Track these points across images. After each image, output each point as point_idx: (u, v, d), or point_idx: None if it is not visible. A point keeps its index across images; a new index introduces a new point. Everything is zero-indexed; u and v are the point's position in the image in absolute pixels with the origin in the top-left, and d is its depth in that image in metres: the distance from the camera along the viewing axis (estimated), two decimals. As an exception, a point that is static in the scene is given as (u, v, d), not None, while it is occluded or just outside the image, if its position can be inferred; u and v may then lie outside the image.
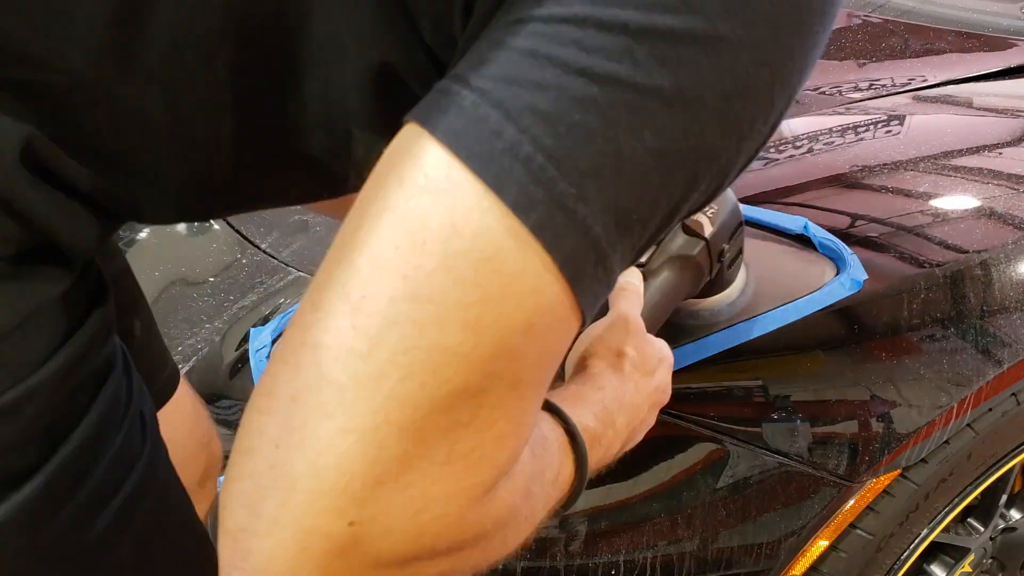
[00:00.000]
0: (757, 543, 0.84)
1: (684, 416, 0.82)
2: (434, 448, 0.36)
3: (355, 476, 0.35)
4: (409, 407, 0.35)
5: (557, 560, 0.80)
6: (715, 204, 0.74)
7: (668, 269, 0.72)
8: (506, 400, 0.38)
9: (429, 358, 0.35)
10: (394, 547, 0.37)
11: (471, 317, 0.35)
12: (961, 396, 0.86)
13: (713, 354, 0.82)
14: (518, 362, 0.37)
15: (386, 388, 0.35)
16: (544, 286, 0.36)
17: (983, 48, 1.25)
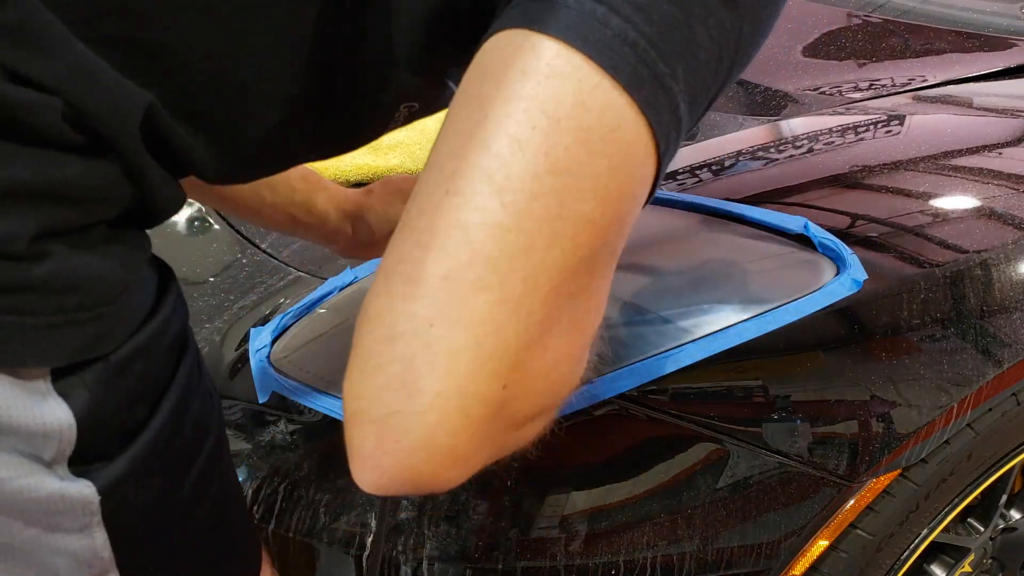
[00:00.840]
0: (757, 543, 0.84)
1: (684, 416, 0.82)
2: (564, 313, 0.40)
3: (511, 342, 0.38)
4: (553, 273, 0.39)
5: (557, 560, 0.80)
6: None
7: None
8: (607, 268, 0.42)
9: (569, 227, 0.39)
10: (531, 405, 0.41)
11: (600, 186, 0.39)
12: (961, 396, 0.86)
13: (714, 354, 0.82)
14: (621, 229, 0.42)
15: (535, 258, 0.38)
16: (648, 156, 0.41)
17: (983, 48, 1.24)
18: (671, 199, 0.95)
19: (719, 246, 0.90)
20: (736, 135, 1.10)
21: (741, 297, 0.84)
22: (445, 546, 0.80)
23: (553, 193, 0.38)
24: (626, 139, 0.40)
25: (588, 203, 0.39)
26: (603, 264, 0.42)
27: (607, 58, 0.39)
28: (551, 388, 0.42)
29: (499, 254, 0.37)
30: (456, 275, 0.38)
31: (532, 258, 0.38)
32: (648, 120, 0.40)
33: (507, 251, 0.38)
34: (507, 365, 0.38)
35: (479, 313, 0.37)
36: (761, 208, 0.92)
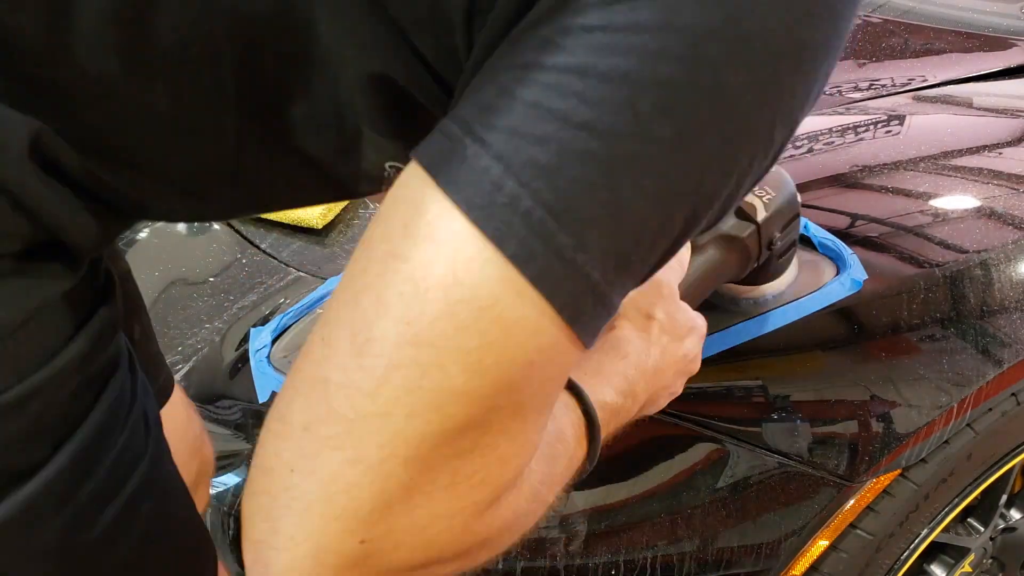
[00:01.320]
0: (757, 543, 0.84)
1: (684, 416, 0.82)
2: (439, 474, 0.38)
3: (364, 502, 0.37)
4: (414, 442, 0.37)
5: (557, 560, 0.80)
6: (771, 190, 0.73)
7: (714, 247, 0.72)
8: (508, 426, 0.40)
9: (432, 398, 0.37)
10: (403, 558, 0.40)
11: (472, 360, 0.37)
12: (961, 396, 0.86)
13: (713, 354, 0.82)
14: (520, 393, 0.39)
15: (392, 424, 0.37)
16: (543, 329, 0.38)
17: (983, 48, 1.25)
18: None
19: (719, 246, 0.90)
20: (736, 135, 1.10)
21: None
22: (445, 546, 0.80)
23: (413, 364, 0.37)
24: (506, 316, 0.37)
25: (456, 376, 0.37)
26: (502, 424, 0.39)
27: (492, 228, 0.36)
28: (430, 543, 0.40)
29: (354, 416, 0.37)
30: (314, 428, 0.38)
31: (389, 425, 0.37)
32: (543, 294, 0.37)
33: (362, 414, 0.37)
34: (362, 522, 0.38)
35: (331, 470, 0.37)
36: (761, 208, 0.92)
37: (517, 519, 0.46)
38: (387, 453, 0.37)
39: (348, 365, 0.37)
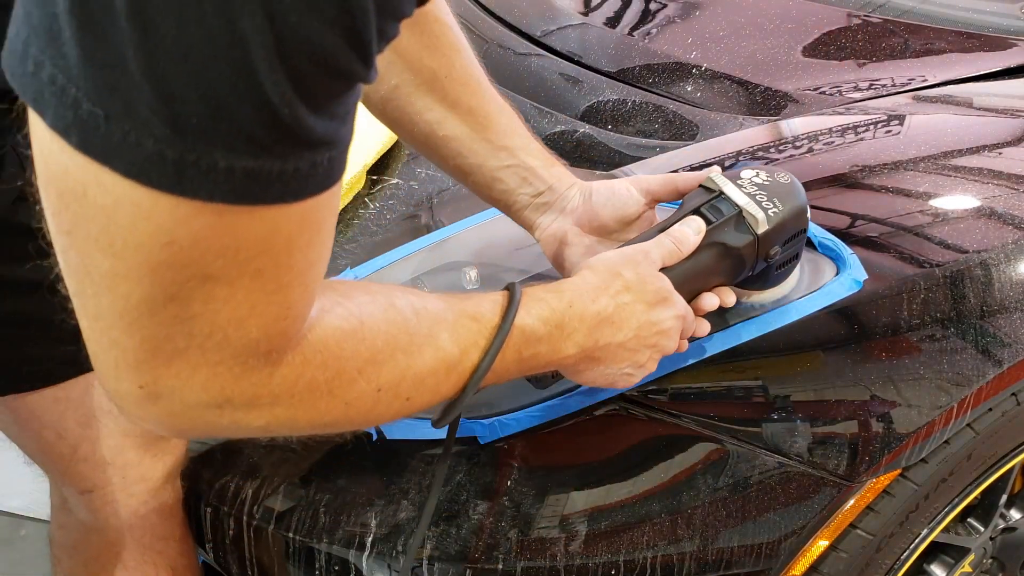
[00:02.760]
0: (757, 543, 0.84)
1: (684, 416, 0.82)
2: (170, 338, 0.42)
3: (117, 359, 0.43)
4: (115, 315, 0.41)
5: (557, 560, 0.80)
6: (780, 203, 0.73)
7: (707, 251, 0.72)
8: (213, 294, 0.41)
9: (100, 280, 0.40)
10: (188, 396, 0.44)
11: (104, 245, 0.39)
12: (961, 396, 0.86)
13: (713, 354, 0.82)
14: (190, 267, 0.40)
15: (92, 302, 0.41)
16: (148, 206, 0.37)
17: (983, 48, 1.24)
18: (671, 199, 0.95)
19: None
20: (736, 135, 1.10)
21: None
22: (445, 546, 0.80)
23: (71, 250, 0.40)
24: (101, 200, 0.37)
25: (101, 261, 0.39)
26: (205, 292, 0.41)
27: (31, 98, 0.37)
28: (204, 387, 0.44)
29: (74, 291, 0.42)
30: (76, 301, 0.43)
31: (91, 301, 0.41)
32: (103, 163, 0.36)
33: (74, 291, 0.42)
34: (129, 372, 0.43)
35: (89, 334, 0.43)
36: (761, 208, 0.92)
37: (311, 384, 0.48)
38: (105, 324, 0.41)
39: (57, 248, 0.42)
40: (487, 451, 0.81)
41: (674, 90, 1.23)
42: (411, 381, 0.54)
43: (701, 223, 0.72)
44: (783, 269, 0.79)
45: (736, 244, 0.72)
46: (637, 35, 1.41)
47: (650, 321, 0.67)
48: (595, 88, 1.26)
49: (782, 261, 0.77)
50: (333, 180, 0.42)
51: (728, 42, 1.30)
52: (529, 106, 1.23)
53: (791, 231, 0.75)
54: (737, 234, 0.72)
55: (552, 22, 1.43)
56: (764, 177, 0.75)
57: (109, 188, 0.37)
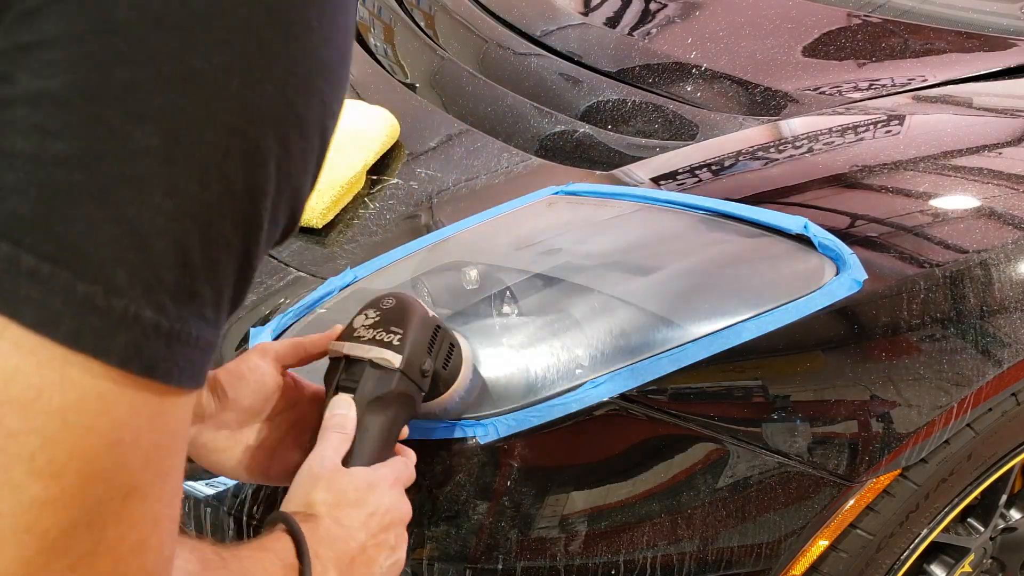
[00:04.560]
0: (757, 543, 0.84)
1: (684, 416, 0.82)
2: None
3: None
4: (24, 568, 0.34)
5: (557, 560, 0.80)
6: (397, 328, 0.72)
7: (371, 412, 0.70)
8: (126, 513, 0.36)
9: (17, 520, 0.33)
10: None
11: (42, 465, 0.33)
12: (961, 396, 0.86)
13: (714, 354, 0.82)
14: (121, 476, 0.36)
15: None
16: (113, 397, 0.34)
17: (983, 48, 1.25)
18: (671, 199, 0.95)
19: (719, 246, 0.90)
20: (736, 135, 1.10)
21: (741, 297, 0.84)
22: (445, 546, 0.80)
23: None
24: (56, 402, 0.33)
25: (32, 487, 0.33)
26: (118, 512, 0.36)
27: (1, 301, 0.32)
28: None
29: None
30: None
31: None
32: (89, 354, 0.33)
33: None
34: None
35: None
36: (761, 208, 0.92)
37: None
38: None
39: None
40: (487, 451, 0.81)
41: (674, 90, 1.23)
42: None
43: (347, 398, 0.71)
44: (450, 365, 0.77)
45: (388, 389, 0.71)
46: (637, 35, 1.41)
47: (369, 514, 0.66)
48: (595, 88, 1.26)
49: (442, 363, 0.76)
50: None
51: (728, 42, 1.30)
52: (529, 106, 1.23)
53: (426, 339, 0.74)
54: (382, 381, 0.71)
55: (552, 22, 1.43)
56: (373, 315, 0.74)
57: (74, 382, 0.33)
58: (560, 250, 0.91)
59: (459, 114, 1.24)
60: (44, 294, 0.32)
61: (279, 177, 0.38)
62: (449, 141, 1.18)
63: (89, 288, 0.33)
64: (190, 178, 0.34)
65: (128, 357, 0.34)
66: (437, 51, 1.41)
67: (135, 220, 0.33)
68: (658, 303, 0.85)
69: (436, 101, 1.31)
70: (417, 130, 1.21)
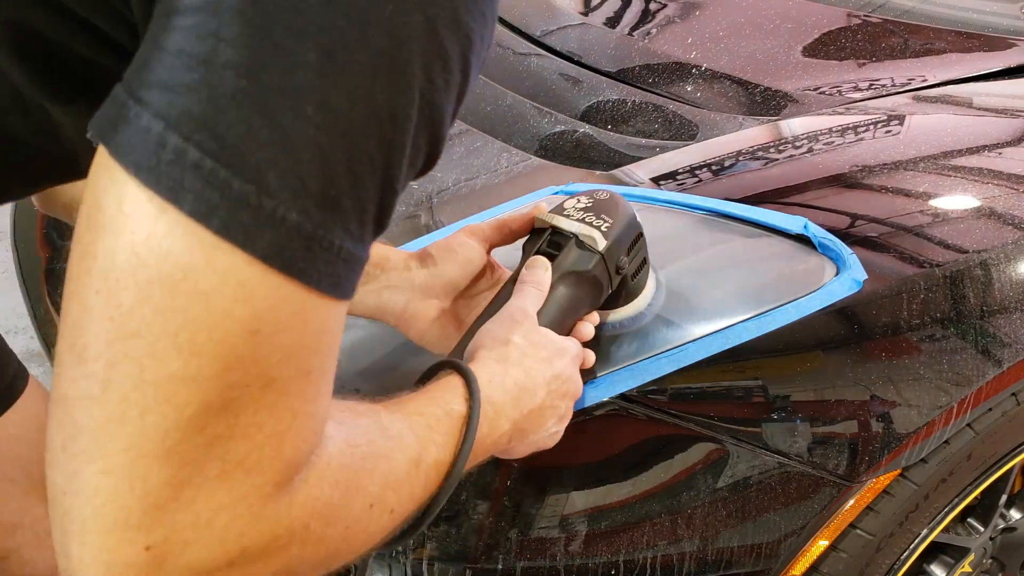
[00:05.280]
0: (757, 543, 0.84)
1: (684, 416, 0.82)
2: (203, 465, 0.37)
3: (131, 509, 0.36)
4: (157, 438, 0.36)
5: (557, 560, 0.80)
6: (608, 217, 0.74)
7: (563, 284, 0.72)
8: (265, 402, 0.38)
9: (158, 390, 0.36)
10: (200, 557, 0.38)
11: (183, 341, 0.35)
12: (961, 396, 0.86)
13: (714, 354, 0.82)
14: (259, 365, 0.37)
15: (129, 426, 0.36)
16: (253, 287, 0.36)
17: (983, 48, 1.25)
18: (671, 199, 0.95)
19: (720, 246, 0.90)
20: (736, 135, 1.10)
21: (741, 297, 0.84)
22: (445, 546, 0.80)
23: (128, 359, 0.35)
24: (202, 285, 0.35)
25: (173, 362, 0.35)
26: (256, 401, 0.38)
27: (166, 188, 0.35)
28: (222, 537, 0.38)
29: (93, 425, 0.36)
30: (68, 447, 0.37)
31: (127, 426, 0.36)
32: (237, 245, 0.35)
33: (99, 422, 0.36)
34: (137, 529, 0.36)
35: (91, 484, 0.36)
36: (761, 208, 0.92)
37: (327, 508, 0.43)
38: (135, 455, 0.36)
39: (75, 376, 0.36)
40: (487, 451, 0.81)
41: (674, 90, 1.23)
42: (394, 490, 0.50)
43: (546, 261, 0.72)
44: (637, 278, 0.79)
45: (585, 268, 0.72)
46: (637, 35, 1.41)
47: (554, 375, 0.67)
48: (595, 88, 1.26)
49: (633, 271, 0.78)
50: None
51: (728, 42, 1.30)
52: (529, 106, 1.23)
53: (629, 238, 0.76)
54: (582, 258, 0.73)
55: (552, 22, 1.43)
56: (585, 201, 0.76)
57: (218, 268, 0.35)
58: (560, 250, 0.91)
59: (459, 114, 1.24)
60: (204, 187, 0.35)
61: (422, 104, 0.40)
62: (449, 141, 1.18)
63: (244, 186, 0.35)
64: (339, 94, 0.37)
65: (271, 252, 0.36)
66: (437, 51, 1.41)
67: (288, 128, 0.36)
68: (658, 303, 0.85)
69: (436, 101, 1.30)
70: (417, 130, 1.20)
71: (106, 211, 0.36)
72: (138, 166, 0.35)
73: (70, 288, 0.37)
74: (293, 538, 0.42)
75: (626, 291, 0.79)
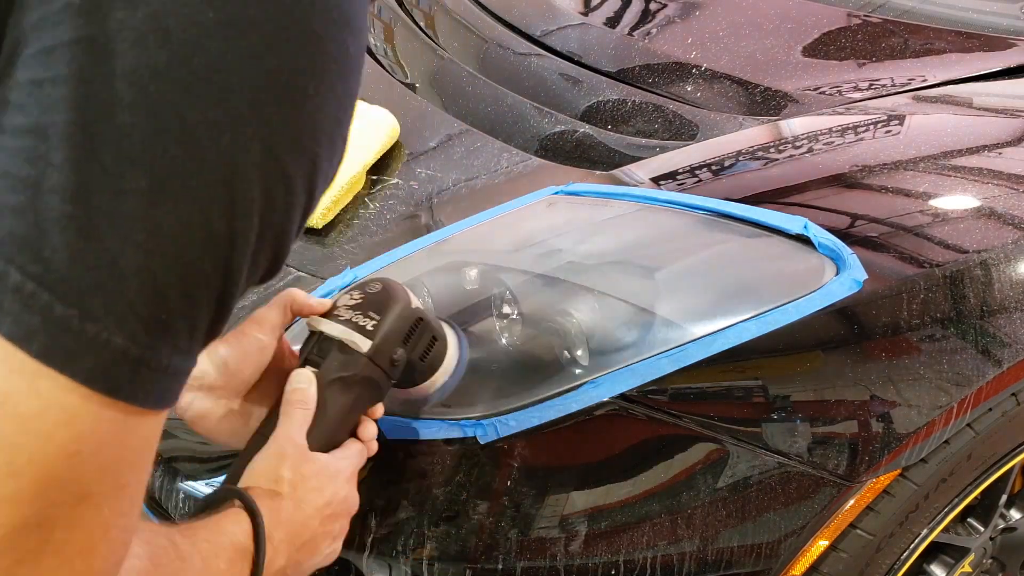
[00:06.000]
0: (757, 543, 0.84)
1: (684, 416, 0.82)
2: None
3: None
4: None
5: (557, 560, 0.80)
6: (375, 314, 0.73)
7: (332, 391, 0.71)
8: (78, 518, 0.38)
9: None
10: None
11: (1, 463, 0.35)
12: (961, 396, 0.86)
13: (714, 354, 0.82)
14: (77, 484, 0.37)
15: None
16: (75, 411, 0.36)
17: (983, 48, 1.25)
18: (671, 199, 0.95)
19: (719, 246, 0.90)
20: (736, 135, 1.10)
21: (741, 297, 0.84)
22: (445, 546, 0.80)
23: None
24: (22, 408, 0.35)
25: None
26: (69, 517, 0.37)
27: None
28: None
29: None
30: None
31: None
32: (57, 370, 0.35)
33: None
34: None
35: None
36: (761, 208, 0.92)
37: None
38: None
39: None
40: (487, 451, 0.81)
41: (674, 90, 1.23)
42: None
43: (308, 373, 0.72)
44: (429, 357, 0.78)
45: (351, 372, 0.72)
46: (637, 35, 1.41)
47: (326, 502, 0.67)
48: (595, 88, 1.26)
49: (419, 354, 0.77)
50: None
51: (728, 42, 1.30)
52: (529, 106, 1.23)
53: (403, 330, 0.74)
54: (347, 363, 0.72)
55: (552, 22, 1.43)
56: (356, 296, 0.75)
57: (40, 392, 0.35)
58: (560, 250, 0.91)
59: (459, 114, 1.24)
60: (24, 310, 0.34)
61: (262, 227, 0.40)
62: (449, 141, 1.18)
63: (66, 311, 0.35)
64: (172, 222, 0.36)
65: (95, 377, 0.36)
66: (437, 51, 1.41)
67: (116, 254, 0.35)
68: (658, 303, 0.85)
69: (436, 101, 1.31)
70: (417, 130, 1.21)
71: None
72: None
73: None
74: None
75: (419, 371, 0.78)
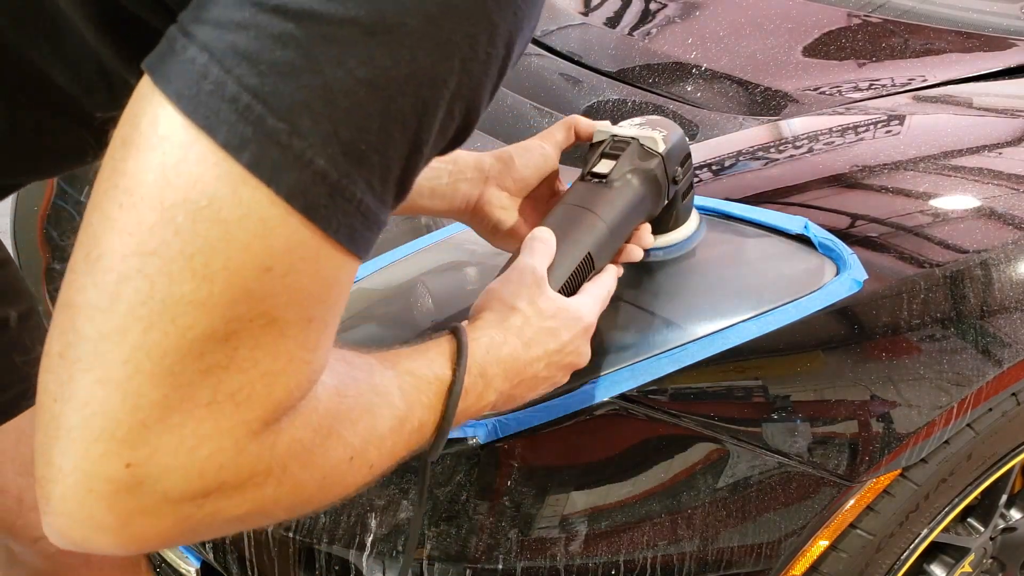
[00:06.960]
0: (757, 543, 0.84)
1: (684, 416, 0.82)
2: (196, 391, 0.38)
3: (120, 422, 0.37)
4: (157, 355, 0.37)
5: (557, 560, 0.80)
6: (664, 128, 0.79)
7: (629, 177, 0.76)
8: (264, 340, 0.39)
9: (165, 309, 0.36)
10: (177, 484, 0.38)
11: (198, 265, 0.36)
12: (961, 396, 0.86)
13: (714, 354, 0.82)
14: (265, 302, 0.38)
15: (131, 339, 0.36)
16: (273, 224, 0.37)
17: (983, 48, 1.25)
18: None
19: (719, 246, 0.90)
20: (736, 135, 1.10)
21: (741, 297, 0.85)
22: (445, 546, 0.80)
23: (141, 275, 0.36)
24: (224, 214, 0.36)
25: (184, 284, 0.36)
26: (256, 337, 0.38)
27: (202, 117, 0.36)
28: (201, 467, 0.38)
29: (95, 335, 0.37)
30: (66, 354, 0.37)
31: (128, 340, 0.36)
32: (263, 180, 0.36)
33: (102, 332, 0.37)
34: (121, 444, 0.37)
35: (84, 393, 0.37)
36: (761, 208, 0.92)
37: (305, 452, 0.44)
38: (132, 369, 0.36)
39: (85, 284, 0.37)
40: (487, 451, 0.81)
41: (674, 90, 1.23)
42: (375, 446, 0.50)
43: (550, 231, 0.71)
44: (686, 200, 0.84)
45: (647, 165, 0.76)
46: (637, 35, 1.41)
47: (557, 348, 0.65)
48: (595, 88, 1.26)
49: (684, 188, 0.83)
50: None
51: (728, 42, 1.30)
52: (529, 106, 1.23)
53: (682, 152, 0.81)
54: (644, 157, 0.77)
55: (552, 22, 1.43)
56: (639, 119, 0.81)
57: (244, 201, 0.37)
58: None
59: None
60: (239, 120, 0.36)
61: (462, 73, 0.41)
62: (449, 141, 1.18)
63: (277, 124, 0.36)
64: (384, 53, 0.38)
65: (295, 193, 0.37)
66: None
67: (329, 77, 0.37)
68: (658, 303, 0.85)
69: (436, 101, 1.30)
70: (417, 130, 1.20)
71: (142, 132, 0.37)
72: (179, 94, 0.36)
73: (94, 200, 0.38)
74: (271, 478, 0.42)
75: (675, 212, 0.83)
